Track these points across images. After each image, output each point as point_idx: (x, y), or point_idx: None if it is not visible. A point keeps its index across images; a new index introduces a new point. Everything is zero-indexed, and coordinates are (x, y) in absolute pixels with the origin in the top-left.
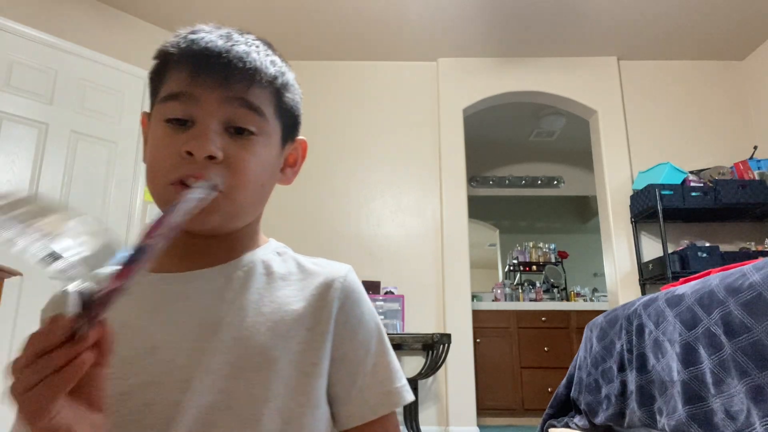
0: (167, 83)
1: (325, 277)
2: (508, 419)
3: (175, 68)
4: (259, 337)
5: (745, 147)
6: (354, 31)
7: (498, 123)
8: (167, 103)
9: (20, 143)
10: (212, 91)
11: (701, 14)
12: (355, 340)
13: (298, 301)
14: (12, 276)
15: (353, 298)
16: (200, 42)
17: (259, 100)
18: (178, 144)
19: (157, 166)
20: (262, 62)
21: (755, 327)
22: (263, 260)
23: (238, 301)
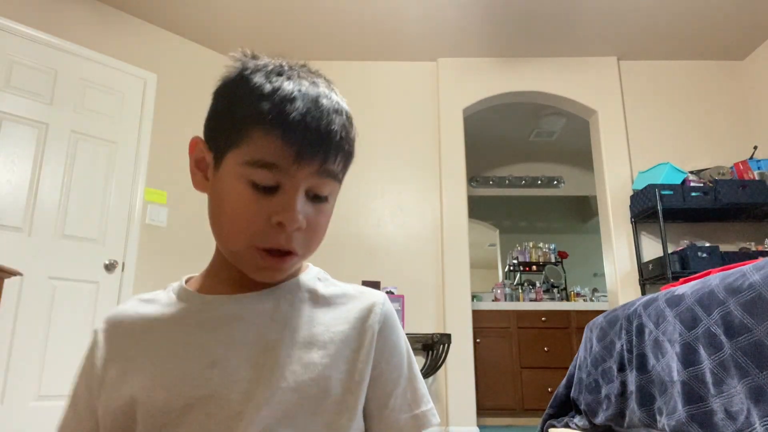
0: (255, 144)
1: (366, 303)
2: (508, 419)
3: (267, 133)
4: (311, 356)
5: (745, 147)
6: (354, 32)
7: (498, 123)
8: (257, 170)
9: (20, 143)
10: (305, 167)
11: (701, 14)
12: (390, 363)
13: (343, 323)
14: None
15: (390, 324)
16: (297, 113)
17: (339, 167)
18: (267, 211)
19: (242, 227)
20: (348, 133)
21: (755, 327)
22: (308, 286)
23: (288, 322)
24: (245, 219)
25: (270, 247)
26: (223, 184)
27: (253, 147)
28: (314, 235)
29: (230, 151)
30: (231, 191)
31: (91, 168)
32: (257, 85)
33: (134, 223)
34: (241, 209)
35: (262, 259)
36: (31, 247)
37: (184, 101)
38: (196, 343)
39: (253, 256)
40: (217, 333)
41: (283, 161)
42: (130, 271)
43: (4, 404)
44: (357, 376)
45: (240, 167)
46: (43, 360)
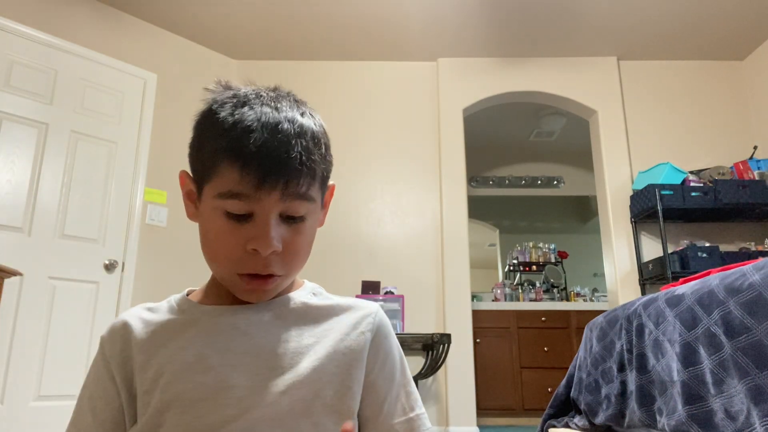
0: (223, 177)
1: (360, 313)
2: (508, 419)
3: (230, 165)
4: (303, 363)
5: (745, 147)
6: (354, 32)
7: (498, 123)
8: (228, 201)
9: (20, 143)
10: (273, 191)
11: (701, 14)
12: (383, 370)
13: (335, 332)
14: (12, 276)
15: (383, 332)
16: (253, 144)
17: (312, 188)
18: (242, 239)
19: (223, 256)
20: (315, 155)
21: (755, 327)
22: (302, 300)
23: (282, 332)
24: (224, 248)
25: (249, 272)
26: (204, 217)
27: (221, 180)
28: (294, 255)
29: (206, 185)
30: (211, 223)
31: (91, 168)
32: (221, 120)
33: (134, 223)
34: (220, 239)
35: (245, 284)
36: (31, 247)
37: (184, 101)
38: (194, 350)
39: (237, 281)
40: (214, 341)
41: (247, 190)
42: (130, 271)
43: (4, 404)
44: (348, 381)
45: (214, 200)
46: (43, 360)
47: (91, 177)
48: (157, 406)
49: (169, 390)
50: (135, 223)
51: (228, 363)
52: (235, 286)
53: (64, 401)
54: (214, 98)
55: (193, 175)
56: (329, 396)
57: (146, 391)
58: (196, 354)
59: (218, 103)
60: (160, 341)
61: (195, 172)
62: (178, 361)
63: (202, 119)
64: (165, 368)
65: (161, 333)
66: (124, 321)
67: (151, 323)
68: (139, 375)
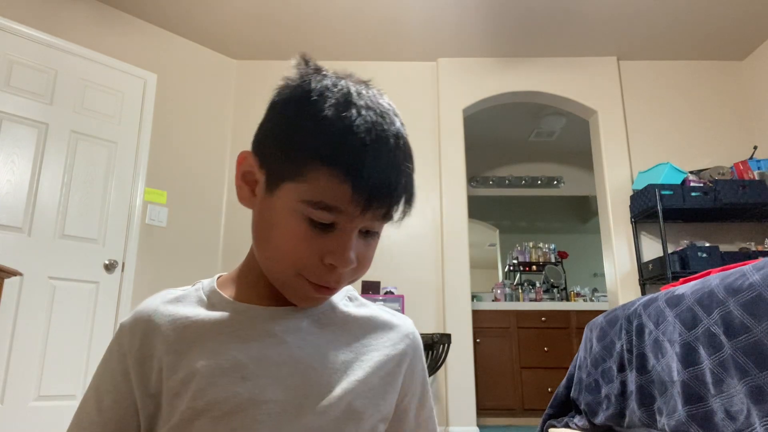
0: (318, 186)
1: (400, 332)
2: (508, 419)
3: (334, 178)
4: (341, 383)
5: (745, 147)
6: (354, 31)
7: (498, 123)
8: (317, 211)
9: (20, 143)
10: (366, 214)
11: (701, 14)
12: (411, 392)
13: (374, 351)
14: (12, 276)
15: (418, 355)
16: (370, 166)
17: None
18: (320, 250)
19: (292, 260)
20: (414, 180)
21: (755, 327)
22: (340, 307)
23: (320, 344)
24: (297, 254)
25: (320, 283)
26: (275, 212)
27: (314, 187)
28: (362, 268)
29: (287, 182)
30: (284, 224)
31: (91, 168)
32: (323, 117)
33: (134, 223)
34: (293, 244)
35: (311, 290)
36: (31, 247)
37: (184, 101)
38: (229, 355)
39: (300, 286)
40: (249, 347)
41: (348, 208)
42: (130, 271)
43: (4, 404)
44: (383, 406)
45: (298, 203)
46: (43, 360)
47: (91, 177)
48: (186, 413)
49: (201, 397)
50: (135, 223)
51: (264, 374)
52: (292, 289)
53: (64, 401)
54: (309, 82)
55: (265, 163)
56: (363, 419)
57: (175, 394)
58: (231, 360)
59: (317, 92)
60: (191, 339)
61: (271, 163)
62: (213, 366)
63: (295, 104)
64: (197, 372)
65: (192, 330)
66: (149, 315)
67: (180, 318)
68: (167, 376)
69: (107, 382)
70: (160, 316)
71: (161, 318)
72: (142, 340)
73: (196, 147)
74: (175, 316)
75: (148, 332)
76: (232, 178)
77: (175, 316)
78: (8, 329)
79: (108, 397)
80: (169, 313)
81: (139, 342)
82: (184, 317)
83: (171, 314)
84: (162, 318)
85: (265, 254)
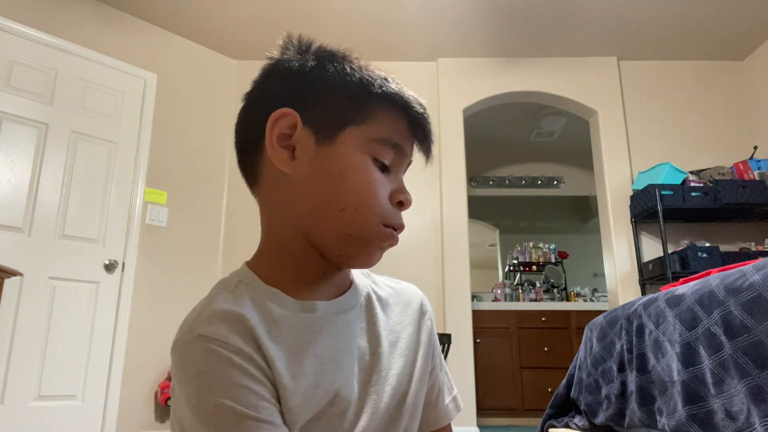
0: (383, 124)
1: (417, 302)
2: (508, 419)
3: (396, 115)
4: (395, 365)
5: (745, 147)
6: (354, 31)
7: (498, 123)
8: (384, 147)
9: (20, 143)
10: (413, 153)
11: (701, 14)
12: (436, 355)
13: (407, 327)
14: (12, 276)
15: (433, 320)
16: (421, 111)
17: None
18: (387, 189)
19: (371, 204)
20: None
21: (755, 327)
22: (370, 286)
23: (371, 329)
24: (375, 196)
25: (395, 225)
26: (341, 158)
27: (381, 126)
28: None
29: (349, 127)
30: (357, 167)
31: (91, 168)
32: (368, 68)
33: (134, 223)
34: (371, 187)
35: (388, 238)
36: (31, 247)
37: (184, 101)
38: (328, 354)
39: (380, 235)
40: (338, 341)
41: (404, 142)
42: (130, 271)
43: (4, 404)
44: (425, 375)
45: (366, 144)
46: (43, 360)
47: (91, 177)
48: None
49: (322, 401)
50: (135, 223)
51: (347, 364)
52: (371, 243)
53: (64, 401)
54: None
55: (314, 116)
56: (414, 393)
57: (291, 408)
58: (333, 361)
59: (334, 51)
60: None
61: (327, 111)
62: (321, 371)
63: (339, 60)
64: (312, 381)
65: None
66: (237, 313)
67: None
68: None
69: (245, 387)
70: (252, 319)
71: (249, 314)
72: (251, 342)
73: (196, 147)
74: (257, 317)
75: (252, 335)
76: (233, 178)
77: (258, 317)
78: (8, 329)
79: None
80: (254, 316)
81: (251, 344)
82: (263, 316)
83: (255, 316)
84: (255, 322)
85: (345, 209)
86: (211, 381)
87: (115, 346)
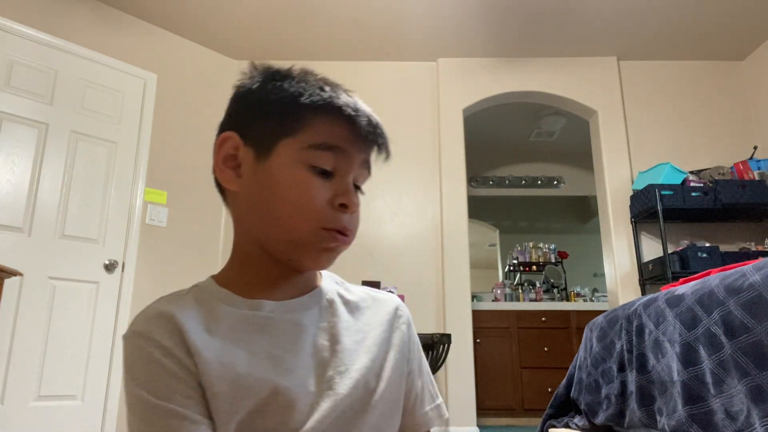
0: (316, 130)
1: (391, 306)
2: (508, 419)
3: (331, 118)
4: (359, 361)
5: (745, 147)
6: (354, 32)
7: (498, 123)
8: (319, 153)
9: (20, 143)
10: (361, 153)
11: (701, 14)
12: (414, 360)
13: (377, 327)
14: (12, 276)
15: (411, 322)
16: (358, 106)
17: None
18: (328, 194)
19: (309, 209)
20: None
21: (755, 327)
22: (336, 291)
23: (333, 329)
24: (310, 202)
25: (337, 227)
26: (276, 171)
27: (314, 132)
28: (357, 223)
29: (283, 140)
30: (289, 177)
31: (91, 168)
32: (307, 79)
33: (134, 223)
34: (304, 192)
35: (331, 240)
36: (31, 247)
37: (184, 101)
38: (265, 350)
39: (321, 238)
40: (281, 339)
41: (345, 144)
42: (130, 271)
43: (4, 404)
44: (397, 376)
45: (298, 152)
46: (43, 360)
47: (91, 177)
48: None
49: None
50: (135, 223)
51: (299, 365)
52: (314, 245)
53: (64, 401)
54: (276, 67)
55: (252, 134)
56: (385, 392)
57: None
58: (266, 354)
59: (290, 68)
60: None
61: (262, 130)
62: (251, 361)
63: (277, 78)
64: (244, 371)
65: (215, 328)
66: (169, 313)
67: (194, 317)
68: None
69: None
70: (184, 316)
71: (178, 316)
72: (176, 337)
73: (196, 147)
74: (190, 315)
75: (179, 331)
76: None
77: (190, 314)
78: (8, 329)
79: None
80: (184, 313)
81: (176, 339)
82: (206, 314)
83: (185, 314)
84: (179, 316)
85: (279, 219)
86: (135, 373)
87: (115, 346)
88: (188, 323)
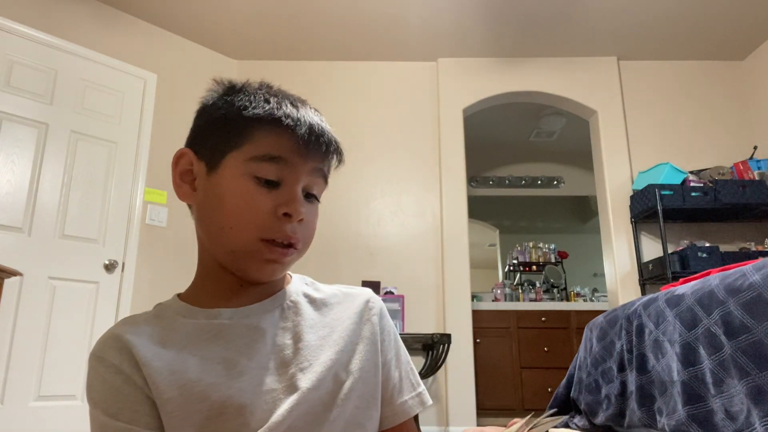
0: (259, 141)
1: (361, 299)
2: (508, 419)
3: (273, 129)
4: (325, 355)
5: (745, 147)
6: (354, 32)
7: (498, 123)
8: (262, 164)
9: (20, 143)
10: (307, 162)
11: (701, 14)
12: (389, 349)
13: (345, 320)
14: (12, 276)
15: (384, 314)
16: (301, 114)
17: (329, 173)
18: (272, 203)
19: (248, 219)
20: (340, 143)
21: (755, 327)
22: (302, 291)
23: (296, 327)
24: (252, 212)
25: (276, 238)
26: (223, 182)
27: (257, 144)
28: (309, 231)
29: (230, 153)
30: (234, 188)
31: (91, 168)
32: (256, 92)
33: (134, 223)
34: (246, 203)
35: (269, 251)
36: (31, 247)
37: (184, 101)
38: (219, 356)
39: (259, 249)
40: (236, 344)
41: (289, 154)
42: (130, 271)
43: (4, 404)
44: (369, 367)
45: (244, 164)
46: (43, 360)
47: (91, 177)
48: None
49: (208, 399)
50: (135, 223)
51: (255, 366)
52: (255, 256)
53: (64, 401)
54: (229, 83)
55: (203, 150)
56: (356, 384)
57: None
58: (220, 359)
59: (239, 85)
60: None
61: (211, 145)
62: (205, 367)
63: (225, 95)
64: (195, 377)
65: (172, 340)
66: (122, 335)
67: (154, 333)
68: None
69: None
70: (136, 333)
71: (138, 334)
72: (125, 354)
73: None
74: (149, 332)
75: (127, 348)
76: None
77: (149, 332)
78: (8, 329)
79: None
80: (143, 331)
81: (124, 356)
82: (160, 331)
83: (145, 331)
84: (139, 334)
85: (222, 230)
86: (91, 393)
87: None
88: (137, 339)
